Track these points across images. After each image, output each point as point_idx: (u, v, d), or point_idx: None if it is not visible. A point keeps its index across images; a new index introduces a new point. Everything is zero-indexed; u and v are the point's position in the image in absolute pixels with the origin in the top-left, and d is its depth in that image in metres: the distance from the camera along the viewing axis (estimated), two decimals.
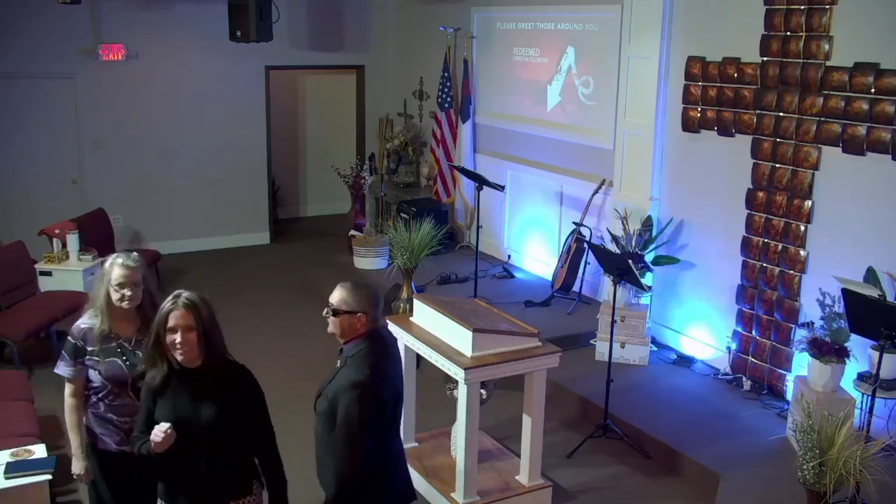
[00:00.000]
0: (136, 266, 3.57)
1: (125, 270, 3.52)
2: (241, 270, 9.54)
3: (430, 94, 10.15)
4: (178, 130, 9.88)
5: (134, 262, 3.57)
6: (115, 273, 3.51)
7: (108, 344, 3.56)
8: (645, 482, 5.27)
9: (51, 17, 8.87)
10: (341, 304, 3.31)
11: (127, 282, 3.51)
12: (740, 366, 6.31)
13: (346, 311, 3.30)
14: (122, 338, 3.58)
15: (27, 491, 4.34)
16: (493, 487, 4.87)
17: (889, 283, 5.19)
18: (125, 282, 3.51)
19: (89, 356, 3.56)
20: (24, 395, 5.44)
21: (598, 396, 5.79)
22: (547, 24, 8.28)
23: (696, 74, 6.51)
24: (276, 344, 7.41)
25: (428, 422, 5.56)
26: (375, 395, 3.22)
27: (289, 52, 10.26)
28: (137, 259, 3.62)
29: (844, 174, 5.53)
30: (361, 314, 3.29)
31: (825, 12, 5.51)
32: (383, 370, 3.29)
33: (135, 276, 3.55)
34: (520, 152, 8.79)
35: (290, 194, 11.91)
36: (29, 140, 9.13)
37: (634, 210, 6.98)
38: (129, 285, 3.52)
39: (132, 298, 3.54)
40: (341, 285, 3.37)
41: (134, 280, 3.54)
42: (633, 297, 6.77)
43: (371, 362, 3.24)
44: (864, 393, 5.01)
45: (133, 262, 3.57)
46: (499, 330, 4.65)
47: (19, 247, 7.34)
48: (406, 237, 6.80)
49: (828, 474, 4.02)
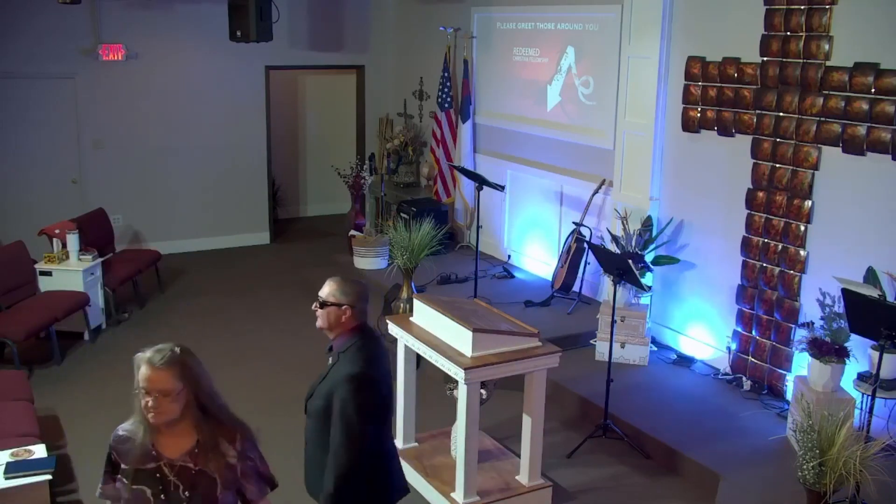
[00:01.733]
0: (166, 366, 2.56)
1: (149, 372, 2.56)
2: (241, 270, 9.54)
3: (430, 94, 10.16)
4: (179, 130, 9.88)
5: (163, 360, 2.56)
6: (140, 373, 2.59)
7: (144, 465, 2.62)
8: (645, 482, 5.27)
9: (51, 17, 8.87)
10: (329, 296, 3.36)
11: (151, 388, 2.55)
12: (740, 366, 6.31)
13: (333, 303, 3.34)
14: (164, 459, 2.62)
15: (27, 491, 4.34)
16: (493, 487, 4.87)
17: (889, 283, 5.19)
18: (149, 387, 2.56)
19: (121, 476, 2.66)
20: (24, 395, 5.44)
21: (598, 396, 5.79)
22: (547, 24, 8.28)
23: (696, 74, 6.51)
24: (276, 344, 7.41)
25: (428, 422, 5.56)
26: (374, 387, 3.24)
27: (289, 52, 10.26)
28: (172, 358, 2.58)
29: (844, 174, 5.53)
30: (347, 307, 3.33)
31: (825, 12, 5.51)
32: (379, 363, 3.32)
33: (164, 381, 2.55)
34: (520, 152, 8.79)
35: (290, 194, 11.91)
36: (29, 140, 9.13)
37: (634, 210, 6.98)
38: (155, 393, 2.55)
39: (159, 412, 2.55)
40: (331, 279, 3.43)
41: (162, 388, 2.55)
42: (633, 297, 6.77)
43: (366, 355, 3.28)
44: (864, 393, 5.01)
45: (161, 361, 2.56)
46: (499, 330, 4.65)
47: (19, 247, 7.34)
48: (406, 237, 6.80)
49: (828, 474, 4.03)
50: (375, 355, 3.33)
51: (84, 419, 5.81)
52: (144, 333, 7.54)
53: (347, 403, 3.16)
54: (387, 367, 3.42)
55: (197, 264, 9.67)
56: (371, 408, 3.22)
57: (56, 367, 6.77)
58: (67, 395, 6.22)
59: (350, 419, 3.15)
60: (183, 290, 8.75)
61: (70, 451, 5.42)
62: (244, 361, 7.00)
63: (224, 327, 7.73)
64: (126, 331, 7.63)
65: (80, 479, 5.09)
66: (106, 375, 6.59)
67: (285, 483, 5.16)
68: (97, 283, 7.54)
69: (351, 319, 3.35)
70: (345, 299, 3.34)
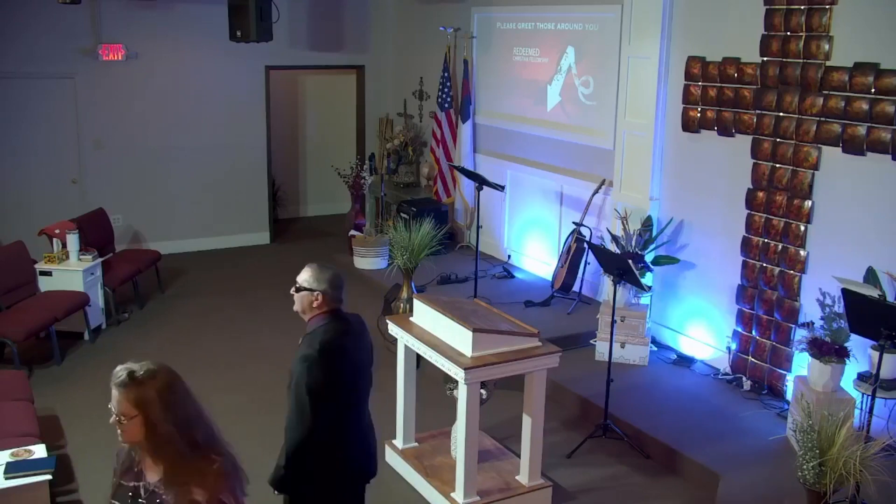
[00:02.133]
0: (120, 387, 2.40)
1: (113, 389, 2.42)
2: (241, 270, 9.54)
3: (430, 94, 10.15)
4: (179, 130, 9.88)
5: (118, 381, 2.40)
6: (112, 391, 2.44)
7: (127, 481, 2.53)
8: (645, 482, 5.27)
9: (51, 17, 8.86)
10: (303, 281, 3.57)
11: (116, 408, 2.41)
12: (740, 366, 6.31)
13: (306, 288, 3.54)
14: (143, 480, 2.50)
15: (27, 491, 4.34)
16: (493, 487, 4.87)
17: (889, 283, 5.19)
18: (112, 406, 2.43)
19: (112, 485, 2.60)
20: (24, 395, 5.44)
21: (598, 396, 5.79)
22: (547, 24, 8.28)
23: (696, 74, 6.51)
24: (276, 344, 7.40)
25: (428, 422, 5.56)
26: (325, 367, 3.38)
27: (289, 52, 10.26)
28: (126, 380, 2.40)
29: (844, 174, 5.53)
30: (319, 293, 3.51)
31: (825, 12, 5.51)
32: (337, 345, 3.45)
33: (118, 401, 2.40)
34: (520, 152, 8.79)
35: (290, 194, 11.90)
36: (29, 140, 9.13)
37: (634, 210, 6.98)
38: (117, 413, 2.41)
39: (122, 431, 2.41)
40: (308, 265, 3.62)
41: (118, 409, 2.40)
42: (633, 297, 6.77)
43: (323, 339, 3.43)
44: (864, 393, 5.01)
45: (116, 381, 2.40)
46: (499, 330, 4.65)
47: (19, 247, 7.34)
48: (406, 237, 6.80)
49: (828, 474, 4.02)
50: (336, 338, 3.46)
51: (84, 419, 5.81)
52: (144, 333, 7.55)
53: (300, 382, 3.37)
54: (357, 346, 3.58)
55: (197, 264, 9.67)
56: (320, 387, 3.36)
57: (56, 367, 6.77)
58: (67, 395, 6.22)
59: (301, 397, 3.36)
60: (183, 290, 8.75)
61: (70, 451, 5.43)
62: (244, 361, 6.99)
63: (224, 327, 7.73)
64: (126, 331, 7.62)
65: (80, 479, 5.09)
66: (106, 375, 6.47)
67: None
68: (97, 283, 7.54)
69: (322, 304, 3.52)
70: (317, 285, 3.52)
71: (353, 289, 8.43)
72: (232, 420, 5.95)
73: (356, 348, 3.57)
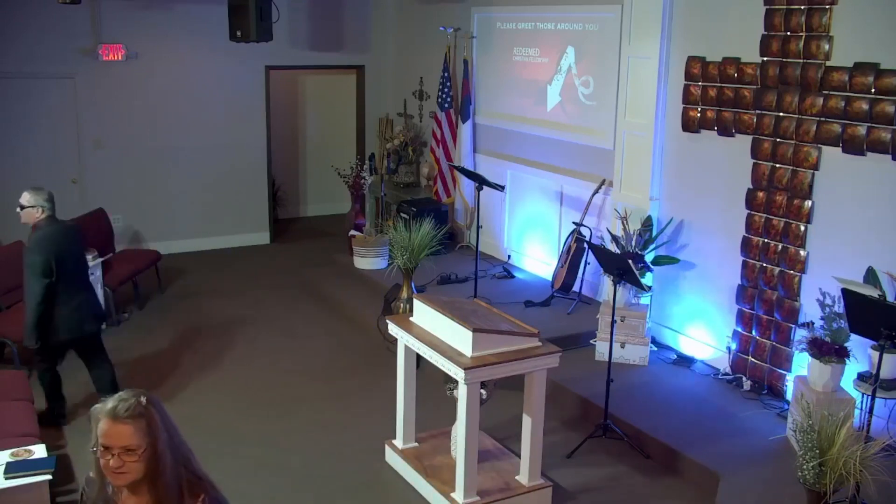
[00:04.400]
0: (131, 419, 2.14)
1: (112, 426, 2.14)
2: (241, 270, 9.54)
3: (430, 94, 10.15)
4: (178, 130, 9.88)
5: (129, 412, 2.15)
6: (99, 427, 2.16)
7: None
8: (645, 482, 5.27)
9: (51, 17, 8.86)
10: (26, 202, 5.28)
11: (114, 444, 2.14)
12: (740, 366, 6.31)
13: (28, 206, 5.29)
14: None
15: (27, 491, 4.34)
16: (493, 487, 4.87)
17: (889, 283, 5.19)
18: (111, 443, 2.14)
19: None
20: (24, 395, 5.45)
21: (598, 396, 5.79)
22: (547, 24, 8.28)
23: (696, 74, 6.51)
24: (276, 344, 7.41)
25: (428, 422, 5.56)
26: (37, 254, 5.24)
27: (289, 52, 10.26)
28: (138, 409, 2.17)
29: (844, 174, 5.53)
30: (39, 208, 5.31)
31: (825, 12, 5.51)
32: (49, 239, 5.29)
33: (128, 436, 2.14)
34: (520, 152, 8.79)
35: (290, 194, 11.90)
36: (28, 140, 9.13)
37: (634, 210, 6.98)
38: (118, 450, 2.13)
39: (122, 473, 2.15)
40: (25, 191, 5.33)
41: (127, 444, 2.13)
42: (633, 297, 6.77)
43: (37, 236, 5.29)
44: (864, 393, 5.02)
45: (127, 413, 2.14)
46: (499, 330, 4.65)
47: (19, 247, 7.33)
48: (406, 237, 6.80)
49: (828, 474, 4.02)
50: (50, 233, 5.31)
51: (84, 419, 5.81)
52: (144, 334, 7.55)
53: (27, 263, 5.28)
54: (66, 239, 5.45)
55: (197, 264, 9.67)
56: (36, 267, 5.24)
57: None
58: (67, 395, 6.21)
59: (27, 276, 5.32)
60: (183, 290, 8.75)
61: (70, 451, 5.43)
62: (244, 361, 6.99)
63: (224, 327, 7.73)
64: (126, 331, 7.63)
65: (80, 479, 5.09)
66: None
67: (285, 480, 5.18)
68: (97, 283, 7.52)
69: (40, 216, 5.32)
70: (35, 202, 5.29)
71: (353, 289, 8.49)
72: (232, 420, 5.95)
73: (67, 240, 5.43)
